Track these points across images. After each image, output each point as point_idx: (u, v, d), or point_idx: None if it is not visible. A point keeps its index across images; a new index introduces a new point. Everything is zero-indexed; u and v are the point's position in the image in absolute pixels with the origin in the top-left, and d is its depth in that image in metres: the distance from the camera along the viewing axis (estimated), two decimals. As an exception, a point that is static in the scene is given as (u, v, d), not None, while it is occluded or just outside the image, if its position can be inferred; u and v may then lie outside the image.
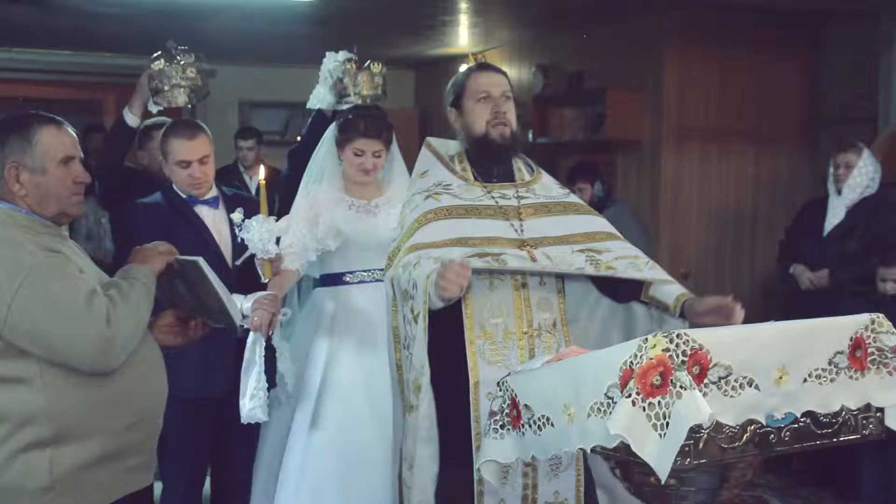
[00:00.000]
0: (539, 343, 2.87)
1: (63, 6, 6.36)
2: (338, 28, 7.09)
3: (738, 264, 6.85)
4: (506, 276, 2.87)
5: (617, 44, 6.97)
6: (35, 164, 2.42)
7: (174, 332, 2.73)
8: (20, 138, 2.42)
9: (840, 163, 5.28)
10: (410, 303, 2.71)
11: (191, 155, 3.65)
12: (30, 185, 2.43)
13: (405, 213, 2.89)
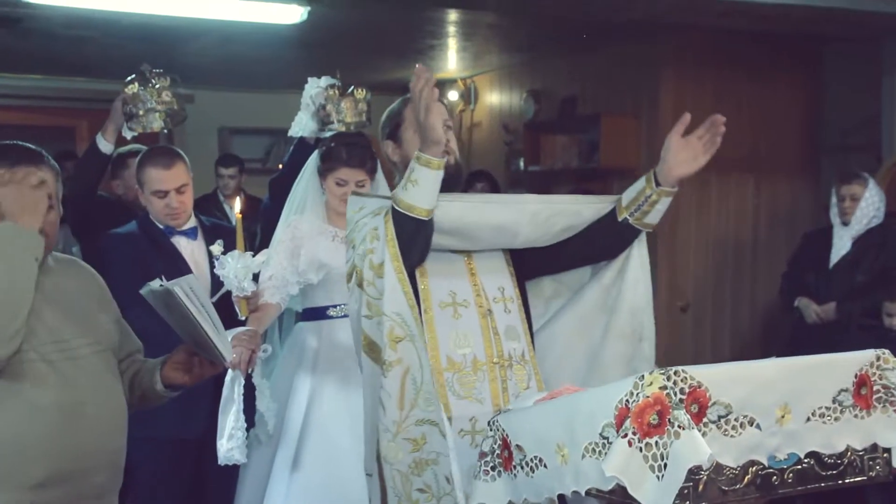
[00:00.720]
0: (511, 375, 2.74)
1: (36, 29, 6.23)
2: (322, 52, 6.99)
3: (738, 296, 6.71)
4: (470, 304, 2.73)
5: (611, 69, 6.87)
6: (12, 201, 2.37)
7: (183, 369, 2.61)
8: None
9: (845, 195, 5.20)
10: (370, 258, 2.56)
11: (167, 184, 3.59)
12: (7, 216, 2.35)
13: (352, 237, 2.69)
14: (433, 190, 2.51)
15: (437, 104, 2.65)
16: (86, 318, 2.50)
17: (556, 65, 7.48)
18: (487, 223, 2.67)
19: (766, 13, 4.83)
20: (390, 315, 2.51)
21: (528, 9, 4.94)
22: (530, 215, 2.70)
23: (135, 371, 2.66)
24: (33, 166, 2.44)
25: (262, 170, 8.70)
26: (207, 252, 3.61)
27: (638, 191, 2.77)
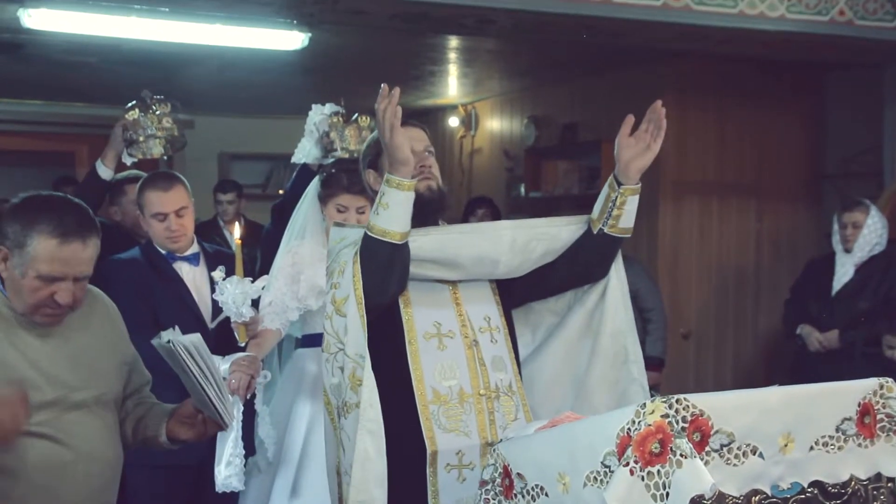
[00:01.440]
0: (498, 406, 2.69)
1: (37, 55, 6.23)
2: (322, 78, 6.99)
3: (740, 324, 6.67)
4: (455, 334, 2.69)
5: (612, 94, 6.85)
6: (16, 265, 2.29)
7: (189, 424, 2.54)
8: (21, 233, 2.28)
9: (847, 222, 5.17)
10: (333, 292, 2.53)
11: (167, 207, 3.58)
12: (9, 276, 2.31)
13: (332, 268, 2.63)
14: (406, 212, 2.48)
15: (412, 128, 2.67)
16: (93, 366, 2.44)
17: (556, 91, 7.48)
18: (468, 254, 2.65)
19: (767, 40, 4.83)
20: (353, 357, 2.48)
21: (530, 35, 4.93)
22: (509, 243, 2.68)
23: (140, 415, 2.60)
24: (80, 242, 2.31)
25: (262, 195, 8.69)
26: (209, 278, 3.56)
27: (605, 197, 2.80)
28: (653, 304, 5.68)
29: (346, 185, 3.62)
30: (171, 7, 4.21)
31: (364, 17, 4.34)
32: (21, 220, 2.27)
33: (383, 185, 2.49)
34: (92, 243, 2.33)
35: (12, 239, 2.28)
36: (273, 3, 4.10)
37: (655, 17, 4.41)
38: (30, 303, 2.30)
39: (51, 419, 2.33)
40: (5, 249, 2.29)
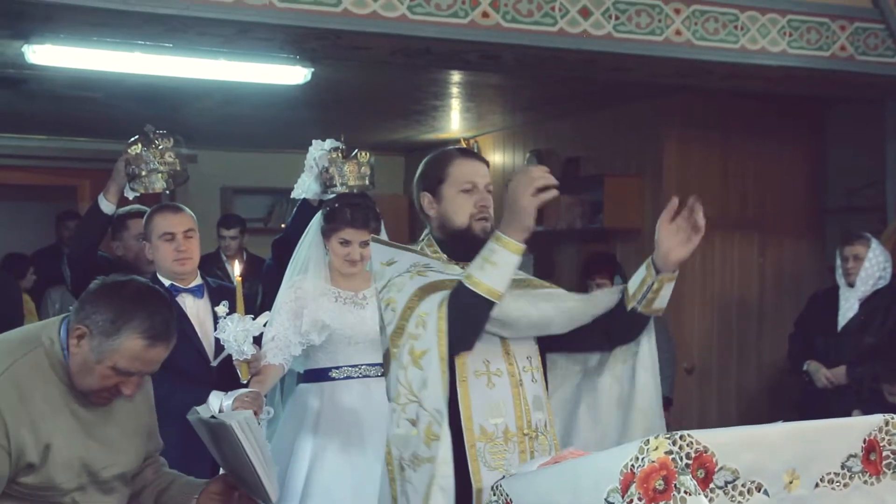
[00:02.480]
0: (537, 445, 2.68)
1: (41, 90, 6.25)
2: (325, 112, 7.00)
3: (744, 358, 6.64)
4: (503, 372, 2.67)
5: (614, 129, 6.87)
6: (96, 349, 2.26)
7: (220, 501, 2.53)
8: (111, 324, 2.26)
9: (848, 256, 5.17)
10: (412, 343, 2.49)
11: (176, 227, 3.60)
12: (80, 355, 2.28)
13: (389, 296, 2.61)
14: (511, 273, 2.46)
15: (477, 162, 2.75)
16: (122, 445, 2.44)
17: (559, 125, 7.49)
18: (528, 321, 2.64)
19: (769, 75, 4.84)
20: (430, 411, 2.44)
21: (532, 71, 4.95)
22: (568, 313, 2.69)
23: (162, 487, 2.57)
24: (165, 347, 2.34)
25: (265, 229, 8.68)
26: (213, 312, 3.55)
27: (641, 279, 2.73)
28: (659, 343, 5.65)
29: (350, 220, 3.62)
30: (175, 43, 4.22)
31: (367, 52, 4.36)
32: (114, 311, 2.27)
33: (493, 242, 2.47)
34: (172, 345, 2.36)
35: (99, 326, 2.26)
36: (276, 38, 4.12)
37: (657, 53, 4.42)
38: (94, 387, 2.30)
39: (81, 493, 2.33)
40: (85, 329, 2.27)
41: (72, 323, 2.30)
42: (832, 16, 4.68)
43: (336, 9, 3.85)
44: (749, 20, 4.52)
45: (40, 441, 2.24)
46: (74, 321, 2.28)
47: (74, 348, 2.28)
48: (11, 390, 2.23)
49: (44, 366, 2.29)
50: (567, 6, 4.19)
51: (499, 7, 4.09)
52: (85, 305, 2.29)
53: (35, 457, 2.23)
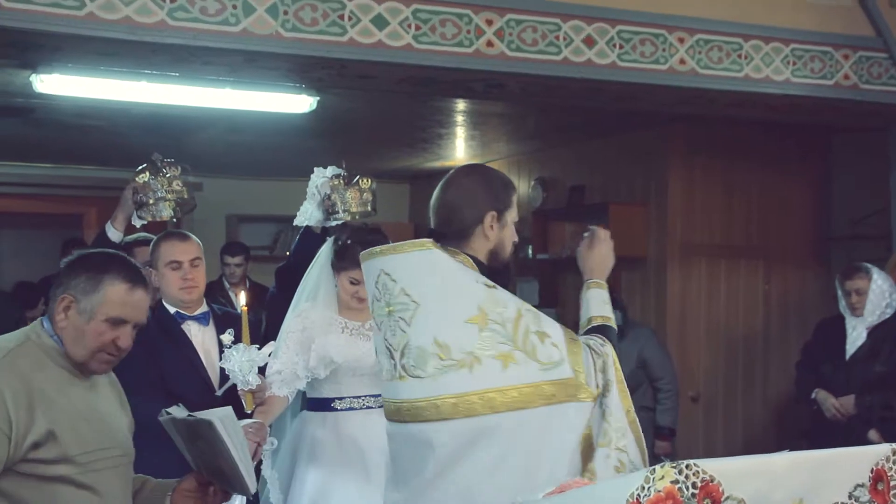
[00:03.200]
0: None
1: (48, 119, 6.28)
2: (330, 140, 7.03)
3: (750, 386, 6.62)
4: None
5: (619, 157, 6.88)
6: (85, 308, 2.39)
7: (194, 497, 2.56)
8: (89, 280, 2.40)
9: (850, 290, 5.14)
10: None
11: (182, 255, 3.58)
12: (71, 324, 2.39)
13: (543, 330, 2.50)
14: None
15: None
16: (113, 423, 2.49)
17: (563, 153, 7.51)
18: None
19: (774, 103, 4.85)
20: (621, 447, 2.52)
21: (537, 99, 4.97)
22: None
23: (135, 489, 2.60)
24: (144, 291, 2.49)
25: (270, 257, 8.69)
26: (218, 341, 3.55)
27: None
28: (662, 373, 5.65)
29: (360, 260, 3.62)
30: (181, 72, 4.24)
31: (372, 81, 4.37)
32: (90, 270, 2.41)
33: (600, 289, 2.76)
34: (150, 294, 2.54)
35: (81, 287, 2.39)
36: (281, 67, 4.14)
37: (661, 81, 4.44)
38: (92, 347, 2.39)
39: (93, 472, 2.36)
40: (70, 297, 2.38)
41: (54, 299, 2.40)
42: (836, 45, 4.69)
43: (342, 38, 3.86)
44: (753, 49, 4.54)
45: (45, 422, 2.28)
46: (57, 295, 2.39)
47: (63, 321, 2.38)
48: (11, 374, 2.28)
49: (38, 355, 2.36)
50: (571, 35, 4.21)
51: (503, 36, 4.11)
52: (62, 279, 2.41)
53: (42, 436, 2.27)
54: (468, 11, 4.04)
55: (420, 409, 2.40)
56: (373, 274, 2.51)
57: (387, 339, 2.45)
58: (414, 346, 2.39)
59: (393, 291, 2.43)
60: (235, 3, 3.69)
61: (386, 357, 2.46)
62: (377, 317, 2.51)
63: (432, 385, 2.37)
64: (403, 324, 2.41)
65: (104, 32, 3.54)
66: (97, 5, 3.48)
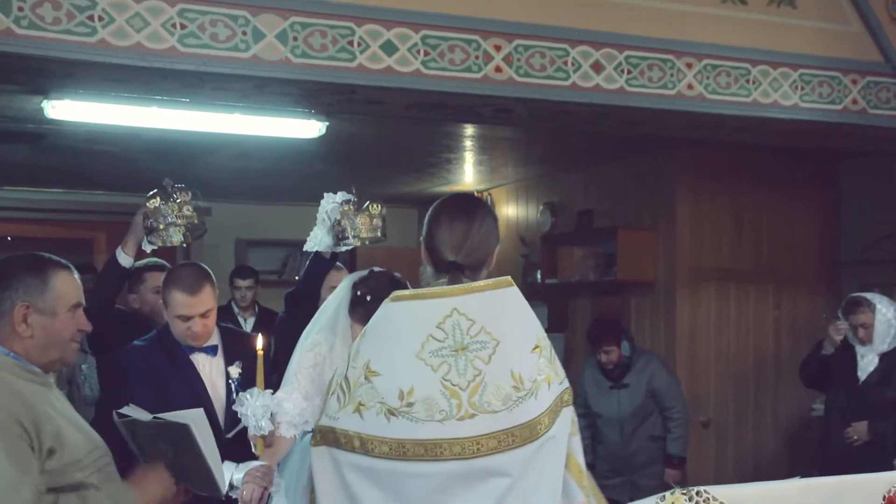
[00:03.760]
0: None
1: (59, 144, 6.31)
2: (339, 165, 7.05)
3: (760, 412, 6.59)
4: None
5: (627, 182, 6.88)
6: (46, 307, 2.41)
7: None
8: (36, 279, 2.42)
9: (855, 324, 5.12)
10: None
11: (192, 310, 3.51)
12: (37, 328, 2.40)
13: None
14: None
15: None
16: (86, 428, 2.49)
17: (572, 178, 7.51)
18: None
19: (782, 128, 4.85)
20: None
21: (545, 124, 4.98)
22: None
23: None
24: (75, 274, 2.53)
25: (279, 282, 8.68)
26: (226, 371, 3.53)
27: None
28: (672, 402, 5.63)
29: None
30: (191, 98, 4.26)
31: (381, 107, 4.38)
32: (28, 271, 2.42)
33: None
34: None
35: (31, 289, 2.40)
36: (291, 93, 4.15)
37: (669, 106, 4.44)
38: (66, 339, 2.44)
39: (97, 472, 2.37)
40: (24, 304, 2.38)
41: (6, 317, 2.38)
42: (844, 70, 4.70)
43: (351, 64, 3.88)
44: (761, 74, 4.55)
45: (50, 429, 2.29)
46: (7, 310, 2.38)
47: (27, 330, 2.38)
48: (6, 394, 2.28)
49: (10, 377, 2.33)
50: (579, 60, 4.22)
51: (512, 62, 4.12)
52: (3, 293, 2.39)
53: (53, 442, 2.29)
54: (476, 37, 4.05)
55: (493, 442, 2.43)
56: (432, 316, 2.45)
57: (448, 379, 2.41)
58: (490, 383, 2.41)
59: (469, 331, 2.43)
60: (245, 29, 3.71)
61: (443, 398, 2.41)
62: (432, 357, 2.43)
63: (507, 417, 2.40)
64: (480, 362, 2.41)
65: (115, 59, 3.55)
66: (109, 32, 3.51)
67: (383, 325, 2.45)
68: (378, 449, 2.37)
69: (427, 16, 3.95)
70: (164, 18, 3.58)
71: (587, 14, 4.22)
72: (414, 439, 2.37)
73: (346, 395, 2.42)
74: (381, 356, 2.41)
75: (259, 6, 3.72)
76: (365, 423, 2.38)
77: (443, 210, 2.59)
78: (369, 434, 2.37)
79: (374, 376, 2.39)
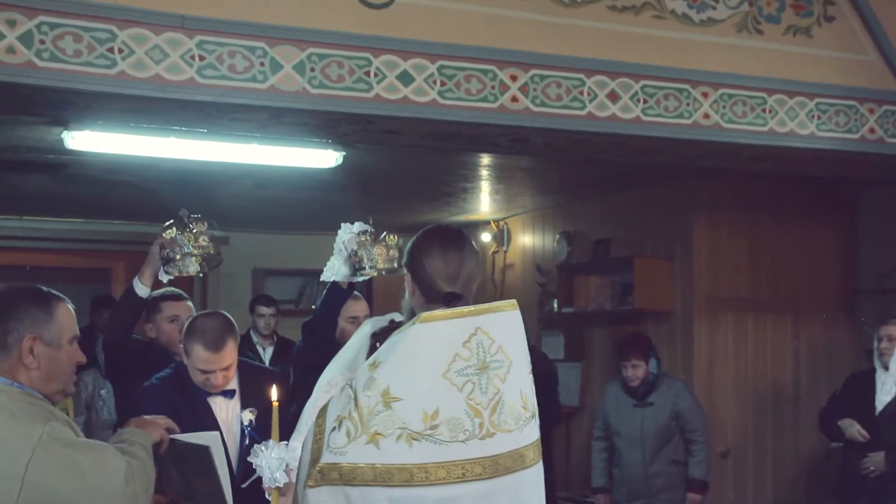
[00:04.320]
0: None
1: (79, 175, 6.34)
2: (356, 195, 7.05)
3: (780, 442, 6.53)
4: None
5: (643, 210, 6.87)
6: (52, 339, 2.43)
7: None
8: (42, 312, 2.43)
9: (883, 335, 5.09)
10: None
11: (214, 366, 3.51)
12: (43, 359, 2.41)
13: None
14: None
15: None
16: None
17: (588, 207, 7.51)
18: None
19: (798, 157, 4.84)
20: None
21: (561, 154, 4.98)
22: None
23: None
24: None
25: (296, 311, 8.69)
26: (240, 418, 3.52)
27: None
28: (696, 425, 5.60)
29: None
30: (209, 128, 4.28)
31: (398, 136, 4.39)
32: (33, 303, 2.43)
33: None
34: None
35: (38, 321, 2.41)
36: (308, 123, 4.17)
37: (686, 136, 4.43)
38: (68, 371, 2.47)
39: None
40: (31, 336, 2.39)
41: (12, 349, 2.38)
42: (860, 98, 4.68)
43: (368, 94, 3.89)
44: (777, 103, 4.54)
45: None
46: (14, 341, 2.38)
47: (33, 362, 2.38)
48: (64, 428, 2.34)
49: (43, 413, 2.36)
50: (595, 90, 4.23)
51: (528, 91, 4.12)
52: (9, 324, 2.39)
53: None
54: (493, 67, 4.06)
55: (508, 460, 2.48)
56: (460, 335, 2.49)
57: (472, 398, 2.45)
58: (507, 402, 2.47)
59: (490, 349, 2.47)
60: (263, 60, 3.73)
61: (467, 418, 2.44)
62: (457, 377, 2.46)
63: (518, 437, 2.47)
64: (498, 381, 2.46)
65: (134, 90, 3.58)
66: (128, 64, 3.53)
67: (408, 348, 2.47)
68: (398, 477, 2.37)
69: (443, 46, 3.96)
70: (183, 50, 3.61)
71: (603, 44, 4.23)
72: (437, 462, 2.39)
73: (357, 427, 2.42)
74: (403, 380, 2.42)
75: (276, 37, 3.75)
76: (381, 452, 2.38)
77: (433, 242, 2.62)
78: (386, 463, 2.37)
79: (395, 402, 2.39)
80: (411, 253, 2.64)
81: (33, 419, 2.31)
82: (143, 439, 2.55)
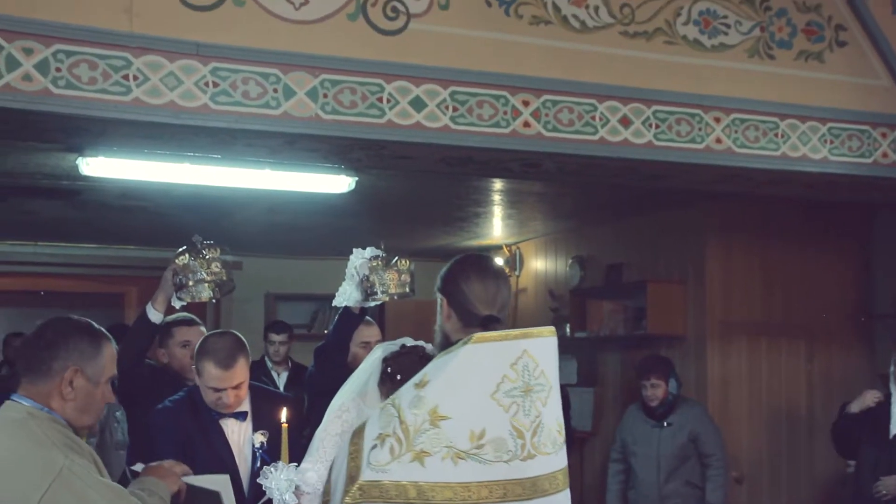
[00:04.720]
0: None
1: (92, 200, 6.37)
2: (369, 220, 7.07)
3: (794, 468, 6.48)
4: None
5: (656, 235, 6.86)
6: (93, 375, 2.48)
7: None
8: (91, 347, 2.50)
9: None
10: None
11: (225, 384, 3.53)
12: (81, 392, 2.47)
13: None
14: None
15: None
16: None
17: (601, 231, 7.50)
18: None
19: (811, 182, 4.83)
20: None
21: (574, 179, 4.98)
22: None
23: None
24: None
25: (308, 335, 8.69)
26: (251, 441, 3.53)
27: None
28: (713, 450, 5.58)
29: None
30: (223, 154, 4.30)
31: (410, 161, 4.40)
32: (83, 336, 2.49)
33: None
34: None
35: (86, 355, 2.46)
36: (321, 149, 4.18)
37: (698, 160, 4.43)
38: (100, 409, 2.54)
39: None
40: (76, 367, 2.45)
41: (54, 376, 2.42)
42: (873, 123, 4.68)
43: (380, 120, 3.91)
44: (789, 128, 4.54)
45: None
46: (59, 369, 2.42)
47: (70, 393, 2.43)
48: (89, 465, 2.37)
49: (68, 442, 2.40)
50: (607, 115, 4.23)
51: (540, 117, 4.13)
52: (59, 352, 2.45)
53: None
54: (505, 93, 4.07)
55: (545, 483, 2.53)
56: (509, 356, 2.53)
57: (516, 419, 2.49)
58: (546, 425, 2.53)
59: (534, 373, 2.52)
60: (276, 86, 3.75)
61: (511, 438, 2.49)
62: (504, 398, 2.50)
63: (554, 460, 2.54)
64: (539, 404, 2.52)
65: (149, 116, 3.60)
66: (143, 90, 3.56)
67: (459, 367, 2.50)
68: (440, 495, 2.41)
69: (455, 72, 3.98)
70: (197, 77, 3.63)
71: (615, 69, 4.24)
72: (479, 482, 2.43)
73: (402, 444, 2.44)
74: (453, 399, 2.46)
75: (290, 64, 3.76)
76: (426, 470, 2.41)
77: (471, 269, 2.71)
78: (430, 482, 2.40)
79: (443, 420, 2.43)
80: (447, 278, 2.73)
81: (57, 448, 2.34)
82: (164, 492, 2.60)
